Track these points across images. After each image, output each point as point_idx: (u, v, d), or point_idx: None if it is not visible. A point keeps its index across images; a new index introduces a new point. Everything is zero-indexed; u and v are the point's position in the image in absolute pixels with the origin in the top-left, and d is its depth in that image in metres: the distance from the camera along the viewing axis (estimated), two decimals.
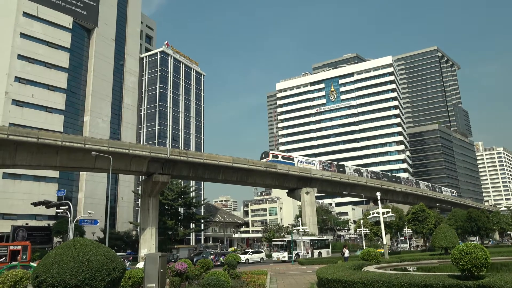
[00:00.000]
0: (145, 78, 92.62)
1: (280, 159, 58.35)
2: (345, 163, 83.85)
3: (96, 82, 76.06)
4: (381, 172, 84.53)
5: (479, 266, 11.24)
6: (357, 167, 78.27)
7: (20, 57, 65.39)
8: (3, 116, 61.01)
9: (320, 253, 50.09)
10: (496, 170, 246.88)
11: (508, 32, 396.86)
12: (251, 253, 49.24)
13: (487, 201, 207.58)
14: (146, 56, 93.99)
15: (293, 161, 59.79)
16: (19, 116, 62.88)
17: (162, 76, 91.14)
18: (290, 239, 47.54)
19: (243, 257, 44.23)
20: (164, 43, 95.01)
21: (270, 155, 58.26)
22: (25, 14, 66.99)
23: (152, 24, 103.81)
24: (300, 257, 46.22)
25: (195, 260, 40.53)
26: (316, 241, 52.44)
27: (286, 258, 45.63)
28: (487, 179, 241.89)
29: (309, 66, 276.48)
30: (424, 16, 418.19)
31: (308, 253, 49.10)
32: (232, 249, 75.37)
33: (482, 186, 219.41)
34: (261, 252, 52.07)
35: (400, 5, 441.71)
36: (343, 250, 35.88)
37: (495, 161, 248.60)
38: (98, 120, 75.08)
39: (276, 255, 47.67)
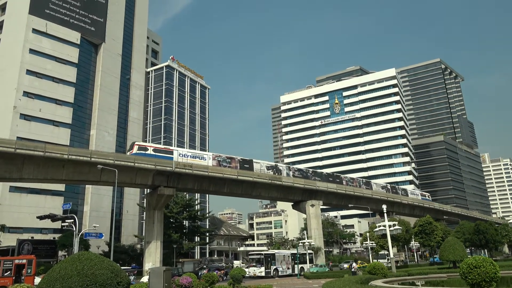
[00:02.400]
0: (151, 92, 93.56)
1: (150, 152, 46.21)
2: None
3: (102, 96, 76.95)
4: (358, 178, 77.62)
5: (488, 281, 11.14)
6: (311, 169, 68.38)
7: (29, 72, 66.46)
8: (11, 130, 61.72)
9: (302, 268, 46.40)
10: (503, 181, 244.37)
11: (511, 42, 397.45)
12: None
13: (495, 213, 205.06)
14: (152, 71, 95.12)
15: (172, 154, 47.21)
16: (26, 130, 63.61)
17: (168, 90, 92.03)
18: (268, 252, 46.34)
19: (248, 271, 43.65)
20: (169, 57, 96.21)
21: (135, 147, 46.09)
22: (35, 30, 68.34)
23: (158, 39, 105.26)
24: (279, 273, 43.92)
25: (199, 274, 40.31)
26: (298, 255, 48.74)
27: (263, 274, 42.29)
28: (494, 191, 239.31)
29: (313, 79, 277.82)
30: (426, 29, 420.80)
31: (288, 268, 46.13)
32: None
33: (490, 198, 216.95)
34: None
35: (403, 18, 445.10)
36: (352, 264, 35.13)
37: (502, 173, 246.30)
38: (104, 134, 75.66)
39: (252, 270, 43.56)
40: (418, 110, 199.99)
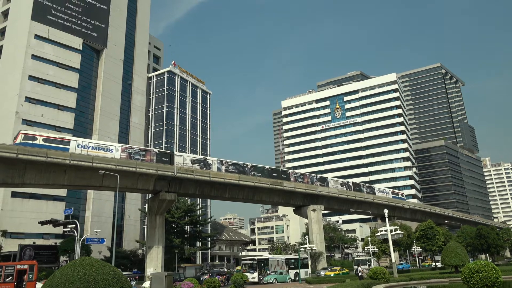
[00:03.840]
0: (153, 97, 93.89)
1: (40, 142, 38.96)
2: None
3: (104, 102, 77.27)
4: (310, 173, 66.67)
5: (490, 285, 11.16)
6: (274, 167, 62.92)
7: (31, 78, 66.83)
8: (13, 136, 61.90)
9: (297, 274, 45.12)
10: (505, 186, 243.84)
11: (511, 47, 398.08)
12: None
13: (496, 217, 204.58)
14: (153, 76, 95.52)
15: (68, 145, 40.53)
16: None
17: (169, 95, 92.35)
18: (262, 257, 45.57)
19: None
20: (171, 62, 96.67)
21: (20, 136, 38.74)
22: (37, 36, 68.81)
23: (160, 44, 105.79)
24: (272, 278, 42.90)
25: (201, 279, 40.26)
26: (293, 260, 47.92)
27: (256, 279, 41.38)
28: (495, 195, 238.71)
29: (314, 84, 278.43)
30: (427, 34, 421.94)
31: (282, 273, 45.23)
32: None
33: (491, 203, 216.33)
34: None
35: (403, 23, 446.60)
36: (358, 268, 34.92)
37: (503, 177, 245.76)
38: (106, 139, 75.76)
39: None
40: (419, 114, 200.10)
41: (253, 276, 41.58)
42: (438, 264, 62.44)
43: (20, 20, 70.15)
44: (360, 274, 33.08)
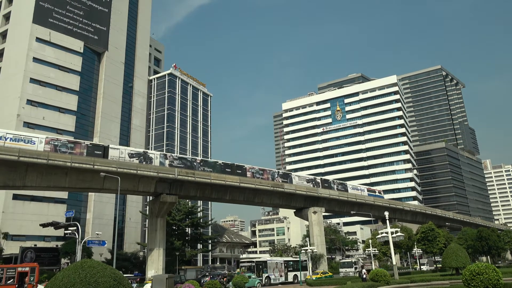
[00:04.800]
0: (153, 100, 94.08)
1: None
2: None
3: (105, 104, 77.46)
4: (271, 169, 58.68)
5: (491, 287, 11.21)
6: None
7: (32, 80, 67.03)
8: None
9: (296, 276, 45.50)
10: (505, 188, 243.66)
11: (511, 48, 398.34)
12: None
13: (497, 219, 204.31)
14: (154, 78, 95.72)
15: None
16: None
17: (170, 98, 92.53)
18: (260, 259, 45.42)
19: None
20: (172, 65, 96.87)
21: None
22: (38, 39, 69.06)
23: (161, 47, 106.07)
24: (272, 281, 42.88)
25: (202, 281, 40.29)
26: (292, 263, 47.95)
27: None
28: (496, 197, 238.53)
29: (315, 86, 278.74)
30: (427, 36, 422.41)
31: (281, 276, 45.36)
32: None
33: (492, 205, 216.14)
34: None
35: (403, 25, 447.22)
36: (362, 270, 34.88)
37: (503, 179, 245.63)
38: (107, 141, 75.82)
39: None
40: (420, 116, 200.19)
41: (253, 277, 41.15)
42: (424, 267, 62.12)
43: (22, 23, 70.43)
44: (364, 276, 33.07)
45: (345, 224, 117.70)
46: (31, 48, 67.96)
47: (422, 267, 65.08)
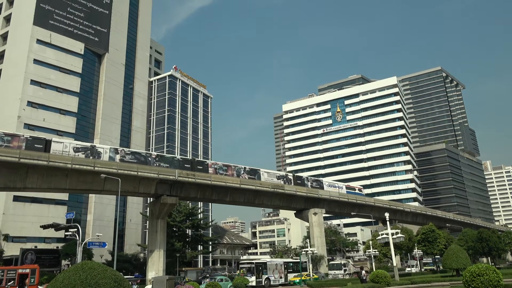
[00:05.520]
0: (154, 101, 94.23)
1: None
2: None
3: (106, 106, 77.56)
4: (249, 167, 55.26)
5: None
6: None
7: (33, 82, 67.15)
8: None
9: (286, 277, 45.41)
10: (506, 189, 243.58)
11: (511, 49, 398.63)
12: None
13: (498, 220, 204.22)
14: (155, 80, 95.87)
15: None
16: None
17: (171, 99, 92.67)
18: (259, 261, 45.35)
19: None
20: (172, 67, 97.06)
21: None
22: (39, 41, 69.21)
23: (161, 49, 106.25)
24: (271, 282, 42.89)
25: (202, 283, 40.27)
26: (291, 264, 47.89)
27: (254, 283, 41.10)
28: (496, 199, 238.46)
29: (315, 88, 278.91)
30: (427, 37, 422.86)
31: (281, 277, 45.32)
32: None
33: (492, 206, 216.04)
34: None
35: (403, 27, 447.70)
36: (362, 272, 34.78)
37: (504, 180, 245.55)
38: (108, 143, 75.90)
39: None
40: (420, 118, 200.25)
41: (251, 280, 41.36)
42: (413, 269, 61.22)
43: (22, 25, 70.58)
44: (364, 277, 33.01)
45: (346, 225, 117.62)
46: (32, 50, 68.08)
47: (410, 269, 64.08)
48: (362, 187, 77.19)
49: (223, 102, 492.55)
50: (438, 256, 60.51)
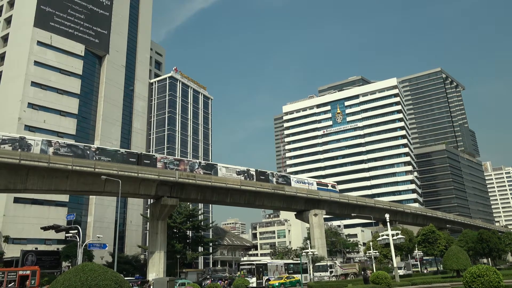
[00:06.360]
0: (154, 103, 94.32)
1: None
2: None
3: (106, 107, 77.64)
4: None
5: None
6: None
7: (34, 84, 67.23)
8: None
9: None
10: (506, 190, 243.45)
11: (511, 50, 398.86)
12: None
13: (498, 221, 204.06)
14: (155, 82, 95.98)
15: None
16: None
17: (171, 101, 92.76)
18: (260, 262, 45.25)
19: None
20: (172, 68, 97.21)
21: None
22: (39, 43, 69.30)
23: (161, 50, 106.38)
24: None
25: (203, 284, 40.33)
26: (292, 265, 48.14)
27: (254, 284, 41.06)
28: (496, 199, 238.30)
29: (315, 89, 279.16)
30: (427, 39, 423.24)
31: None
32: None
33: (492, 207, 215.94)
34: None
35: (403, 28, 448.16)
36: (367, 272, 34.57)
37: (504, 181, 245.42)
38: (108, 144, 75.95)
39: None
40: (420, 119, 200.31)
41: (251, 281, 41.28)
42: (401, 271, 60.26)
43: (23, 27, 70.68)
44: (368, 277, 32.88)
45: (346, 226, 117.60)
46: (32, 51, 68.19)
47: (398, 271, 62.98)
48: (335, 183, 72.49)
49: (224, 104, 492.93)
50: (428, 258, 60.15)
